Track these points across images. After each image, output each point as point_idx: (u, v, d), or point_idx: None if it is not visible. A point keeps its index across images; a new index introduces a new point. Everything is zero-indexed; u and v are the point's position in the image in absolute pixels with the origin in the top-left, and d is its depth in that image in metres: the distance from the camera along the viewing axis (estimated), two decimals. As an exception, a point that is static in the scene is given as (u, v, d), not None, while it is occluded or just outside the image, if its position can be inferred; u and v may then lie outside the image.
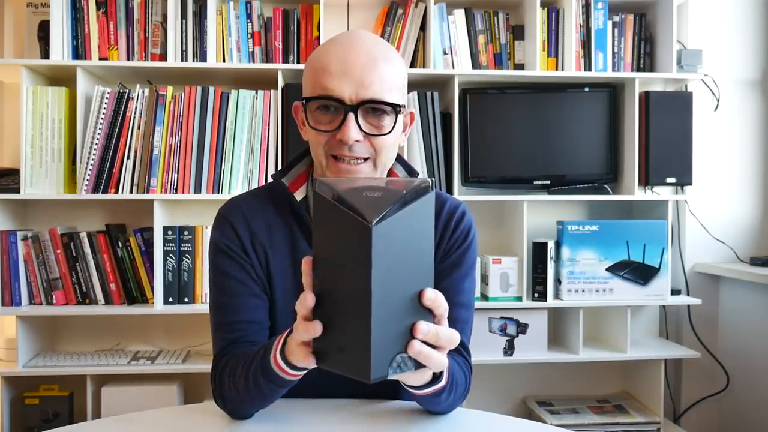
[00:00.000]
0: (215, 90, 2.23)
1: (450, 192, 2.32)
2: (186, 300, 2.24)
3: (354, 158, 1.03)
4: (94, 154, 2.16)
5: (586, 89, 2.42)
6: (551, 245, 2.34)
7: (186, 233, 2.25)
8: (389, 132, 1.03)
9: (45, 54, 2.27)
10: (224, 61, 2.29)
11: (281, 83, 2.25)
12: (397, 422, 1.03)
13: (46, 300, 2.22)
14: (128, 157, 2.18)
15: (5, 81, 2.41)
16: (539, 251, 2.33)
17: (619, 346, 2.39)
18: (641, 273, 2.34)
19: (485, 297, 2.37)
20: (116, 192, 2.18)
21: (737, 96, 2.61)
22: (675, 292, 2.46)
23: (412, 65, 2.37)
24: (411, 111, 1.12)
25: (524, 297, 2.33)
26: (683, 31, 2.55)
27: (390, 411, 1.08)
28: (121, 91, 2.19)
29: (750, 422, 2.46)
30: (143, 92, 2.20)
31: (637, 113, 2.37)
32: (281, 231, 1.12)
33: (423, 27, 2.37)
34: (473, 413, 1.10)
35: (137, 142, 2.19)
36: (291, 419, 1.04)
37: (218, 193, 2.21)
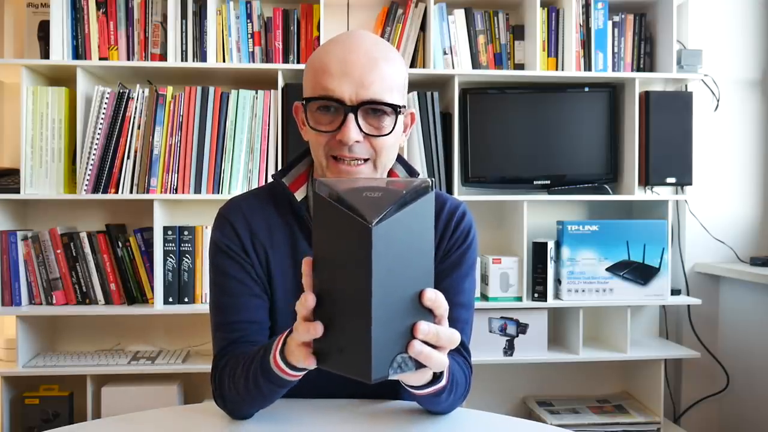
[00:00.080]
0: (215, 90, 2.23)
1: (450, 192, 2.32)
2: (186, 300, 2.24)
3: (354, 159, 1.02)
4: (94, 154, 2.16)
5: (586, 89, 2.42)
6: (551, 245, 2.34)
7: (186, 233, 2.25)
8: (389, 133, 1.03)
9: (45, 54, 2.27)
10: (224, 61, 2.29)
11: (281, 83, 2.25)
12: (397, 422, 1.03)
13: (46, 300, 2.22)
14: (128, 157, 2.18)
15: (5, 81, 2.41)
16: (539, 251, 2.33)
17: (619, 346, 2.39)
18: (641, 273, 2.34)
19: (485, 297, 2.37)
20: (116, 192, 2.18)
21: (737, 96, 2.61)
22: (675, 292, 2.46)
23: (412, 65, 2.37)
24: (411, 111, 1.12)
25: (524, 297, 2.33)
26: (683, 31, 2.55)
27: (390, 411, 1.08)
28: (121, 91, 2.19)
29: (750, 422, 2.46)
30: (143, 92, 2.20)
31: (637, 113, 2.37)
32: (281, 231, 1.12)
33: (423, 27, 2.37)
34: (473, 413, 1.10)
35: (137, 142, 2.19)
36: (291, 419, 1.04)
37: (218, 193, 2.21)
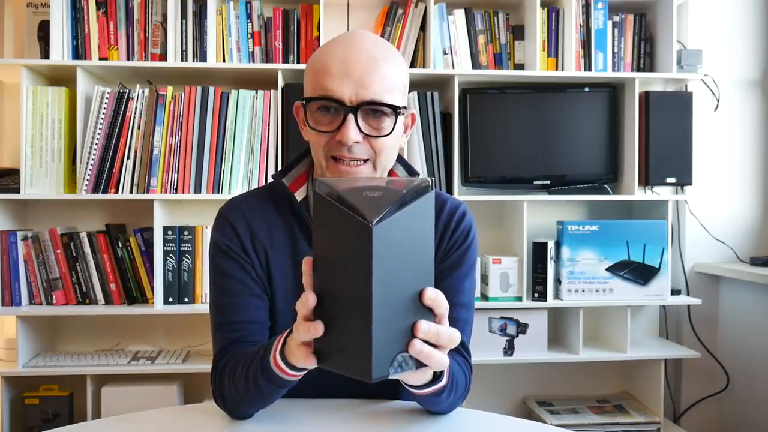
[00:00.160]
0: (215, 90, 2.23)
1: (450, 192, 2.32)
2: (186, 300, 2.24)
3: (353, 160, 1.02)
4: (94, 154, 2.16)
5: (586, 89, 2.42)
6: (551, 245, 2.34)
7: (186, 233, 2.25)
8: (388, 134, 1.02)
9: (45, 54, 2.27)
10: (224, 61, 2.29)
11: (281, 83, 2.25)
12: (397, 422, 1.03)
13: (46, 300, 2.22)
14: (128, 157, 2.18)
15: (5, 81, 2.41)
16: (539, 251, 2.33)
17: (619, 346, 2.39)
18: (641, 273, 2.34)
19: (485, 297, 2.37)
20: (116, 192, 2.18)
21: (737, 96, 2.61)
22: (675, 292, 2.46)
23: (412, 65, 2.37)
24: (412, 112, 1.11)
25: (524, 297, 2.33)
26: (683, 31, 2.55)
27: (390, 411, 1.08)
28: (121, 91, 2.19)
29: (750, 422, 2.46)
30: (143, 92, 2.20)
31: (637, 113, 2.37)
32: (282, 231, 1.12)
33: (423, 27, 2.37)
34: (473, 413, 1.10)
35: (137, 142, 2.19)
36: (291, 419, 1.04)
37: (218, 193, 2.21)
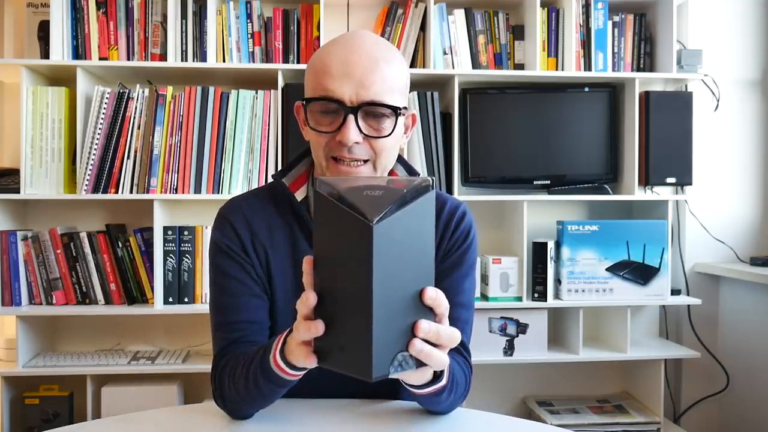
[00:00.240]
0: (215, 90, 2.23)
1: (450, 192, 2.32)
2: (186, 300, 2.24)
3: (353, 160, 1.02)
4: (94, 154, 2.16)
5: (586, 89, 2.42)
6: (551, 245, 2.34)
7: (186, 233, 2.25)
8: (389, 134, 1.02)
9: (45, 54, 2.27)
10: (224, 61, 2.29)
11: (281, 83, 2.25)
12: (397, 422, 1.03)
13: (46, 300, 2.22)
14: (128, 157, 2.18)
15: (5, 81, 2.41)
16: (539, 251, 2.33)
17: (619, 346, 2.39)
18: (641, 273, 2.34)
19: (485, 297, 2.37)
20: (116, 192, 2.18)
21: (737, 96, 2.61)
22: (675, 292, 2.46)
23: (412, 65, 2.37)
24: (413, 113, 1.11)
25: (524, 297, 2.33)
26: (683, 31, 2.55)
27: (390, 411, 1.08)
28: (121, 91, 2.19)
29: (750, 422, 2.46)
30: (143, 92, 2.20)
31: (637, 113, 2.37)
32: (282, 231, 1.12)
33: (423, 27, 2.37)
34: (473, 413, 1.10)
35: (137, 142, 2.19)
36: (291, 419, 1.04)
37: (218, 193, 2.21)
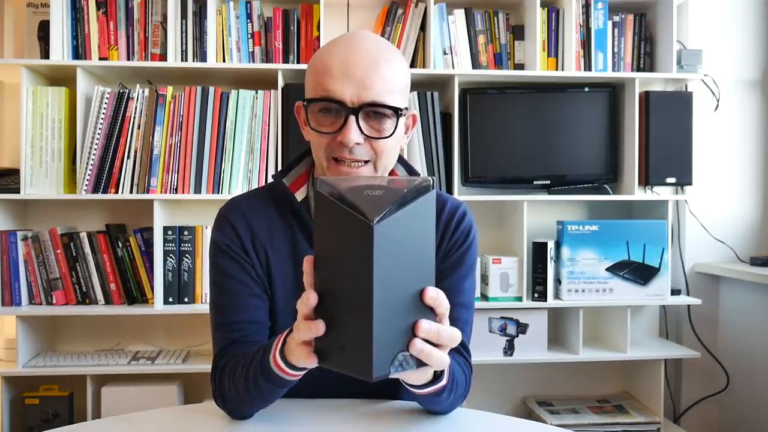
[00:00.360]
0: (215, 90, 2.23)
1: (450, 192, 2.32)
2: (186, 300, 2.24)
3: (354, 161, 1.02)
4: (94, 154, 2.16)
5: (586, 89, 2.42)
6: (551, 245, 2.34)
7: (186, 233, 2.24)
8: (390, 135, 1.02)
9: (45, 54, 2.27)
10: (224, 61, 2.29)
11: (281, 83, 2.25)
12: (397, 422, 1.03)
13: (46, 300, 2.22)
14: (128, 157, 2.18)
15: (5, 81, 2.41)
16: (539, 251, 2.33)
17: (619, 346, 2.39)
18: (641, 273, 2.34)
19: (485, 297, 2.36)
20: (116, 192, 2.18)
21: (737, 96, 2.61)
22: (675, 292, 2.46)
23: (412, 65, 2.37)
24: (413, 113, 1.11)
25: (524, 297, 2.33)
26: (683, 31, 2.55)
27: (390, 411, 1.08)
28: (121, 91, 2.19)
29: (750, 422, 2.46)
30: (143, 92, 2.20)
31: (637, 113, 2.37)
32: (282, 231, 1.12)
33: (423, 27, 2.37)
34: (473, 413, 1.10)
35: (137, 142, 2.19)
36: (291, 419, 1.04)
37: (218, 193, 2.21)
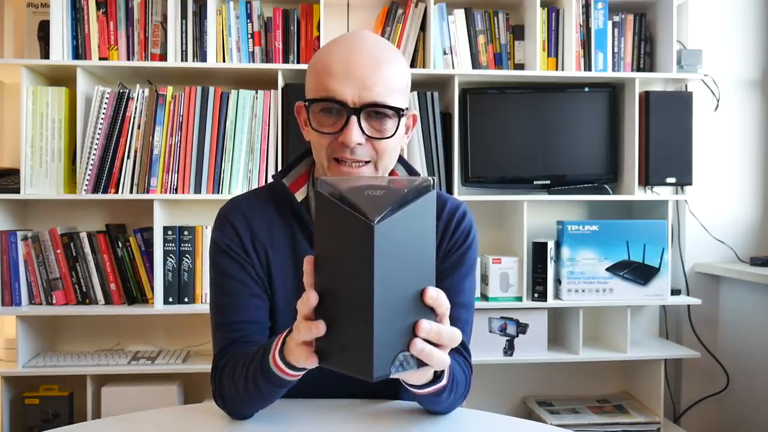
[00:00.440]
0: (215, 90, 2.23)
1: (450, 192, 2.32)
2: (186, 300, 2.24)
3: (355, 161, 1.02)
4: (94, 154, 2.16)
5: (586, 89, 2.42)
6: (551, 245, 2.34)
7: (186, 233, 2.24)
8: (391, 136, 1.02)
9: (45, 54, 2.27)
10: (224, 61, 2.29)
11: (281, 83, 2.25)
12: (397, 422, 1.03)
13: (46, 300, 2.22)
14: (128, 157, 2.18)
15: (5, 81, 2.41)
16: (539, 251, 2.33)
17: (619, 346, 2.39)
18: (641, 273, 2.34)
19: (485, 297, 2.36)
20: (116, 192, 2.18)
21: (737, 96, 2.61)
22: (675, 292, 2.46)
23: (412, 65, 2.37)
24: (414, 113, 1.11)
25: (524, 297, 2.33)
26: (683, 31, 2.55)
27: (390, 411, 1.08)
28: (121, 91, 2.19)
29: (750, 422, 2.46)
30: (143, 92, 2.20)
31: (637, 113, 2.37)
32: (282, 231, 1.12)
33: (423, 27, 2.37)
34: (473, 413, 1.10)
35: (137, 142, 2.19)
36: (291, 419, 1.04)
37: (218, 193, 2.21)
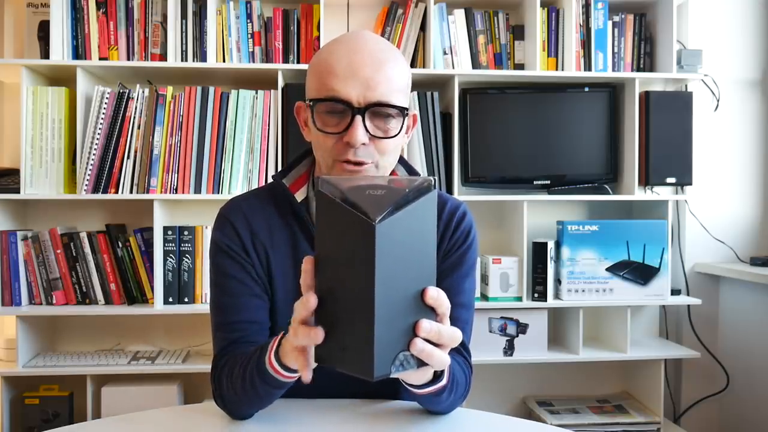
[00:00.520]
0: (215, 90, 2.23)
1: (450, 192, 2.32)
2: (186, 300, 2.24)
3: (358, 162, 1.02)
4: (94, 154, 2.16)
5: (586, 89, 2.42)
6: (551, 245, 2.34)
7: (186, 233, 2.24)
8: (396, 135, 1.02)
9: (45, 54, 2.27)
10: (224, 61, 2.29)
11: (281, 83, 2.25)
12: (397, 422, 1.03)
13: (46, 300, 2.22)
14: (128, 157, 2.18)
15: (5, 81, 2.41)
16: (539, 251, 2.33)
17: (619, 346, 2.39)
18: (641, 273, 2.34)
19: (485, 297, 2.36)
20: (116, 192, 2.18)
21: (737, 96, 2.61)
22: (675, 292, 2.46)
23: (412, 65, 2.37)
24: (414, 113, 1.11)
25: (524, 297, 2.33)
26: (683, 31, 2.55)
27: (390, 411, 1.08)
28: (121, 91, 2.19)
29: (750, 422, 2.46)
30: (143, 92, 2.20)
31: (637, 113, 2.37)
32: (282, 231, 1.12)
33: (423, 27, 2.37)
34: (473, 413, 1.10)
35: (137, 142, 2.19)
36: (291, 419, 1.04)
37: (218, 193, 2.21)
